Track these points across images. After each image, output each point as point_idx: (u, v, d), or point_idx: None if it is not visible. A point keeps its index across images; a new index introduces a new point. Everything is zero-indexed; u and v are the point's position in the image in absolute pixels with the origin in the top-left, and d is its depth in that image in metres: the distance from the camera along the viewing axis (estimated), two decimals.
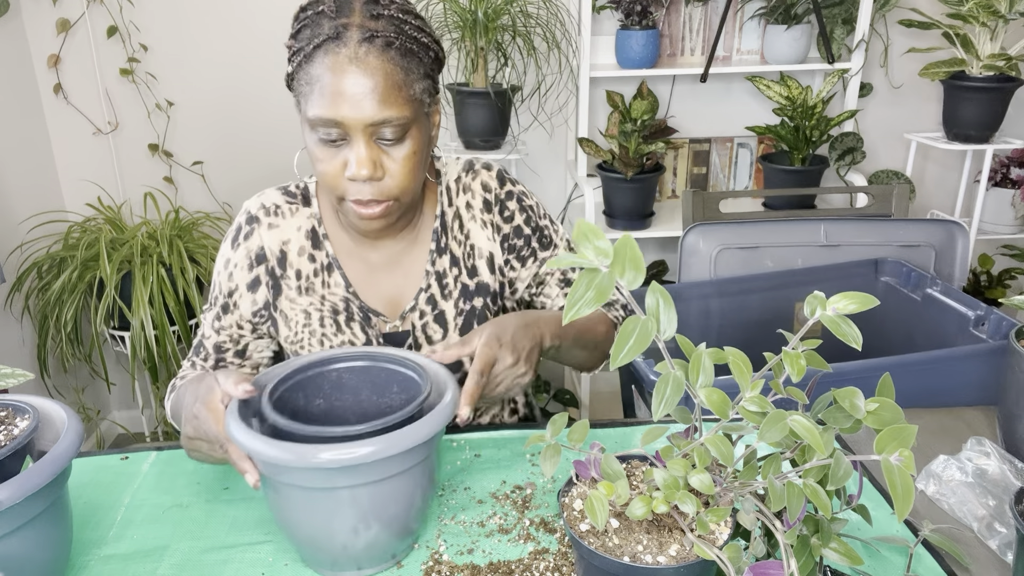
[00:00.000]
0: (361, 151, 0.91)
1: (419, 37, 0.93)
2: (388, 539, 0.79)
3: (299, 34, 0.93)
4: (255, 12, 2.30)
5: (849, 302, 0.62)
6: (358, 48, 0.88)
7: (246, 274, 1.08)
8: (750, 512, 0.65)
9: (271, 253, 1.07)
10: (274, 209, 1.08)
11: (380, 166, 0.93)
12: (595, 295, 0.57)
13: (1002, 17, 2.03)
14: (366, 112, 0.89)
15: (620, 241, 0.58)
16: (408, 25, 0.92)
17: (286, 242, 1.08)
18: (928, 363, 1.18)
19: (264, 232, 1.07)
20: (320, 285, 1.08)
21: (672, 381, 0.62)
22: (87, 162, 2.40)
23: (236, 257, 1.08)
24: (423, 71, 0.94)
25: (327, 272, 1.08)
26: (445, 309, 1.09)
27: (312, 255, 1.08)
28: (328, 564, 0.80)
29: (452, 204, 1.11)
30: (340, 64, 0.88)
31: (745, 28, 2.41)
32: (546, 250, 1.13)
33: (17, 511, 0.69)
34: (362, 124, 0.90)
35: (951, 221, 1.64)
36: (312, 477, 0.73)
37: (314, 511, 0.76)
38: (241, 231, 1.08)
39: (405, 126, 0.93)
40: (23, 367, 0.87)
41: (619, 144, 2.15)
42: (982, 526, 0.86)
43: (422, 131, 0.96)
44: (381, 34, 0.89)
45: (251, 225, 1.08)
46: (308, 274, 1.08)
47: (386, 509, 0.77)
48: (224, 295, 1.09)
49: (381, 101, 0.90)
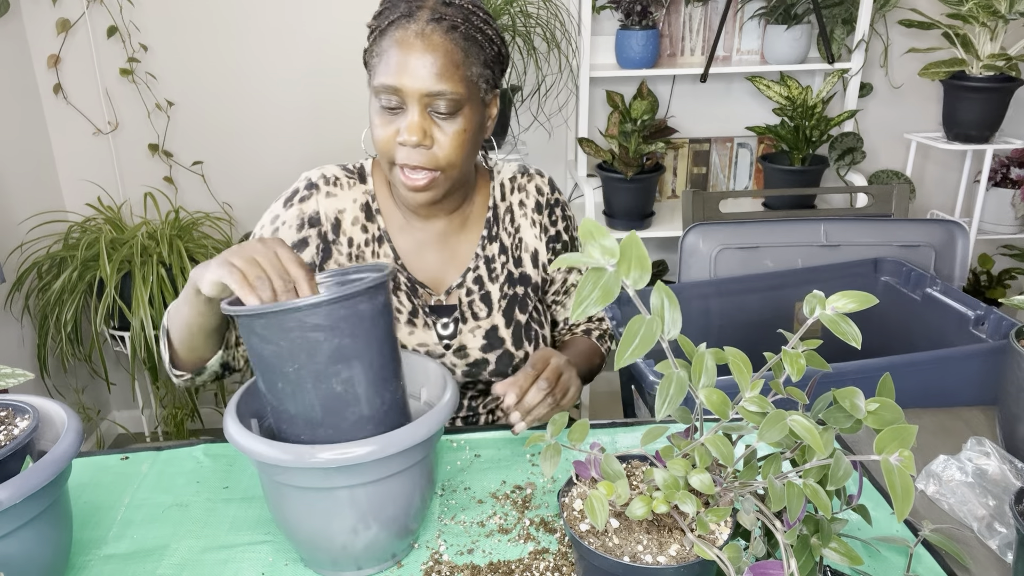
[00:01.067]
0: (414, 118, 0.98)
1: (484, 28, 1.01)
2: (388, 539, 0.79)
3: (380, 15, 1.01)
4: (255, 12, 2.30)
5: (848, 301, 0.62)
6: (425, 26, 0.97)
7: (293, 233, 1.12)
8: (750, 512, 0.65)
9: (326, 219, 1.12)
10: (334, 180, 1.14)
11: (429, 135, 1.00)
12: (601, 295, 0.57)
13: (1002, 17, 2.03)
14: (423, 83, 0.96)
15: (626, 240, 0.58)
16: (476, 17, 1.01)
17: (342, 211, 1.13)
18: (928, 363, 1.18)
19: (322, 199, 1.12)
20: (370, 255, 1.13)
21: (676, 381, 0.62)
22: (87, 162, 2.40)
23: (287, 216, 1.12)
24: (483, 59, 1.01)
25: (377, 243, 1.13)
26: (491, 291, 1.16)
27: (365, 226, 1.13)
28: (328, 564, 0.80)
29: (505, 199, 1.18)
30: (407, 38, 0.97)
31: (745, 28, 2.41)
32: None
33: (17, 511, 0.69)
34: (418, 94, 0.97)
35: (951, 221, 1.64)
36: (311, 477, 0.74)
37: (313, 511, 0.76)
38: (298, 194, 1.13)
39: (458, 102, 0.99)
40: (23, 367, 0.87)
41: (619, 144, 2.15)
42: (982, 526, 0.86)
43: (475, 113, 1.02)
44: (449, 17, 0.98)
45: (310, 191, 1.13)
46: (360, 243, 1.13)
47: (385, 509, 0.77)
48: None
49: (438, 74, 0.97)
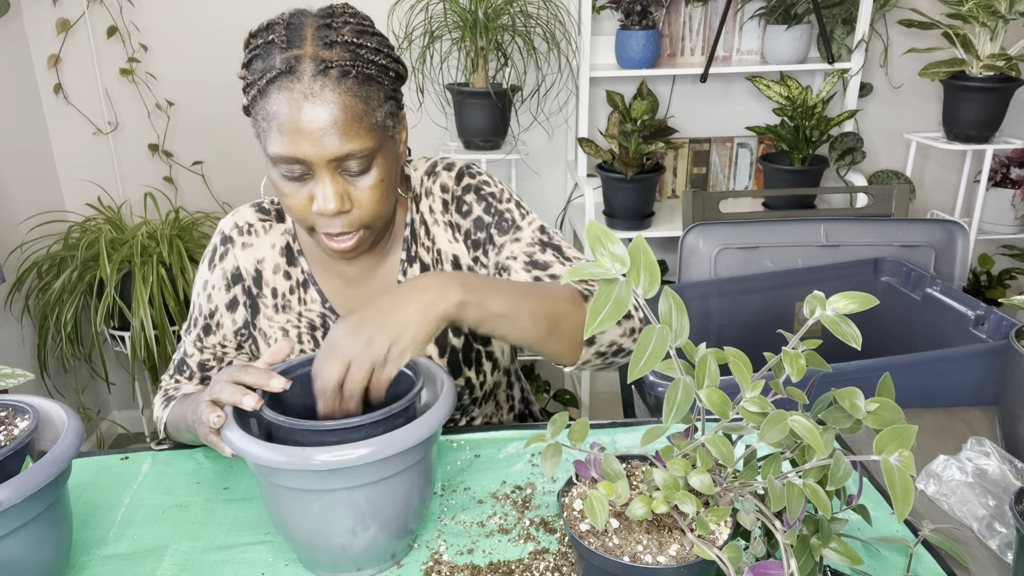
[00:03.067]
0: (327, 187, 0.88)
1: (376, 60, 0.89)
2: (387, 540, 0.79)
3: (251, 64, 0.89)
4: (255, 12, 2.30)
5: (849, 302, 0.62)
6: (312, 83, 0.84)
7: (224, 295, 1.08)
8: (750, 512, 0.65)
9: (246, 273, 1.07)
10: (247, 228, 1.07)
11: (348, 199, 0.90)
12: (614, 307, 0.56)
13: (1002, 17, 2.03)
14: (328, 148, 0.86)
15: (633, 245, 0.57)
16: (364, 49, 0.88)
17: (260, 261, 1.07)
18: (928, 363, 1.18)
19: (238, 252, 1.07)
20: (296, 302, 1.07)
21: (683, 387, 0.61)
22: (87, 162, 2.40)
23: (213, 278, 1.08)
24: (384, 95, 0.90)
25: (303, 289, 1.07)
26: None
27: (287, 272, 1.07)
28: (327, 566, 0.80)
29: (419, 211, 1.07)
30: (295, 100, 0.84)
31: (745, 28, 2.41)
32: (505, 234, 1.03)
33: (17, 511, 0.69)
34: (324, 160, 0.87)
35: (951, 221, 1.64)
36: (308, 480, 0.73)
37: (311, 513, 0.75)
38: (216, 251, 1.08)
39: (370, 156, 0.89)
40: (23, 367, 0.87)
41: (619, 144, 2.15)
42: (982, 526, 0.86)
43: (389, 156, 0.93)
44: (336, 64, 0.85)
45: (225, 246, 1.08)
46: (284, 292, 1.07)
47: (384, 510, 0.77)
48: (205, 316, 1.09)
49: (342, 135, 0.86)
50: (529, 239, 1.02)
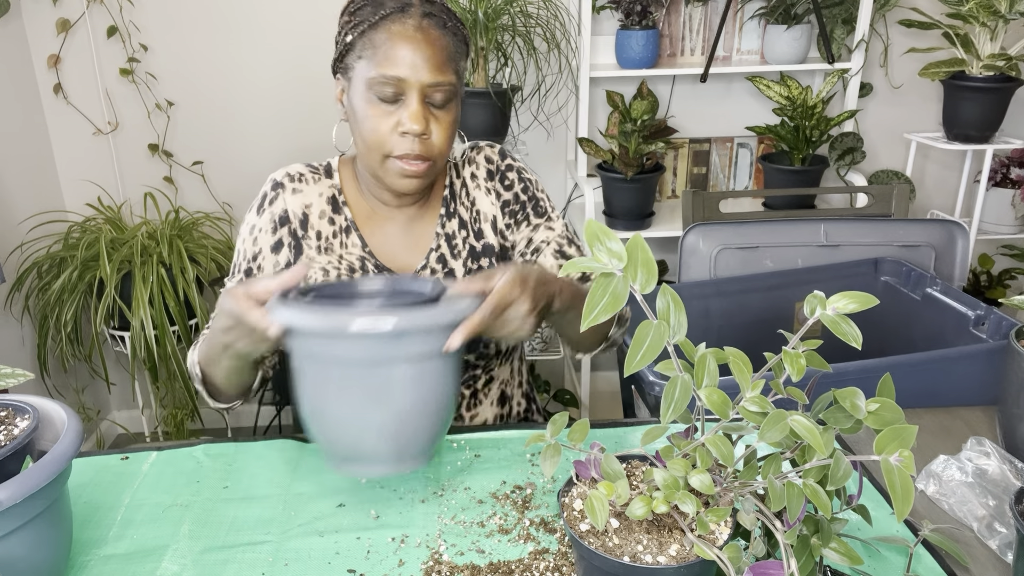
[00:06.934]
0: (415, 107, 1.02)
1: (462, 29, 1.08)
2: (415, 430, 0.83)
3: (360, 11, 1.04)
4: (255, 12, 2.30)
5: (849, 302, 0.62)
6: (421, 20, 1.02)
7: (270, 237, 1.14)
8: (750, 512, 0.65)
9: (294, 215, 1.14)
10: (299, 176, 1.16)
11: (429, 124, 1.04)
12: (611, 301, 0.57)
13: (1002, 17, 2.03)
14: (424, 75, 1.01)
15: (631, 242, 0.57)
16: (454, 16, 1.08)
17: (308, 206, 1.15)
18: (928, 363, 1.18)
19: (288, 196, 1.14)
20: (338, 245, 1.15)
21: (680, 385, 0.61)
22: (87, 162, 2.40)
23: (261, 222, 1.14)
24: (464, 54, 1.09)
25: (345, 234, 1.15)
26: (455, 268, 1.17)
27: (332, 218, 1.15)
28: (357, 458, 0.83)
29: (460, 176, 1.21)
30: (407, 31, 1.01)
31: (745, 28, 2.41)
32: (540, 217, 1.20)
33: (17, 511, 0.69)
34: (420, 84, 1.01)
35: (951, 221, 1.64)
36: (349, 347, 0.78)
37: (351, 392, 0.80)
38: (266, 197, 1.15)
39: (451, 94, 1.05)
40: (23, 367, 0.87)
41: (619, 144, 2.15)
42: (982, 526, 0.86)
43: (457, 105, 1.08)
44: (437, 15, 1.04)
45: (276, 191, 1.15)
46: (328, 235, 1.15)
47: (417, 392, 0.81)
48: (248, 260, 1.14)
49: (438, 67, 1.02)
50: (560, 232, 1.20)
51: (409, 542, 0.86)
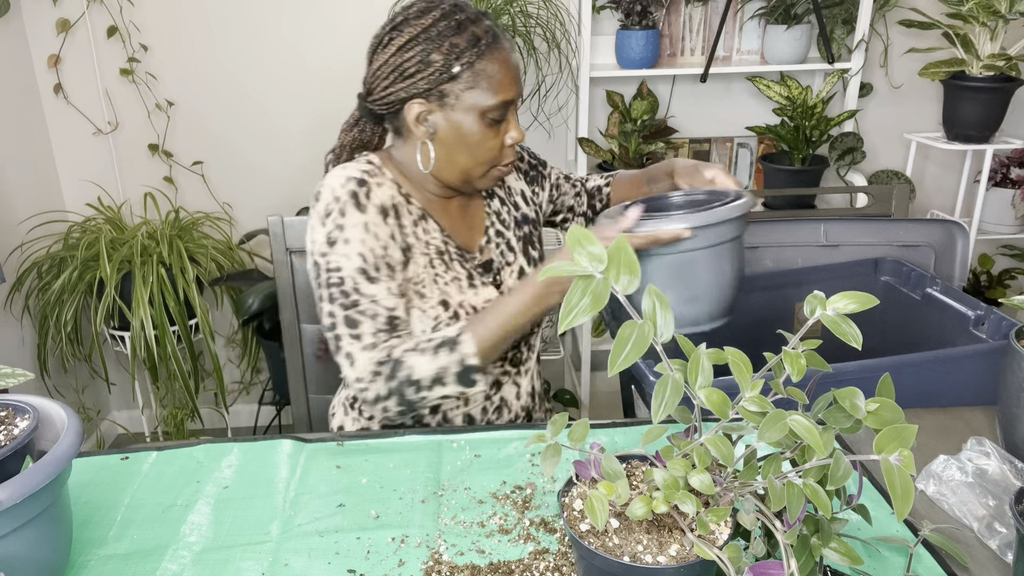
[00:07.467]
0: (516, 121, 1.14)
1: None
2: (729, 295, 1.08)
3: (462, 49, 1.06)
4: (255, 12, 2.30)
5: (849, 302, 0.62)
6: (507, 43, 1.11)
7: (384, 228, 1.12)
8: (750, 512, 0.65)
9: (389, 206, 1.15)
10: (369, 172, 1.15)
11: None
12: (591, 301, 0.57)
13: (1002, 17, 2.03)
14: (520, 90, 1.13)
15: (615, 244, 0.58)
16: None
17: (392, 196, 1.16)
18: (928, 363, 1.18)
19: (376, 189, 1.14)
20: (421, 232, 1.17)
21: (671, 384, 0.62)
22: (87, 162, 2.40)
23: (369, 216, 1.11)
24: None
25: (424, 221, 1.18)
26: (509, 236, 1.27)
27: (409, 209, 1.18)
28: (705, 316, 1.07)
29: None
30: (506, 57, 1.09)
31: (745, 28, 2.41)
32: (545, 167, 1.39)
33: (17, 511, 0.69)
34: (518, 99, 1.13)
35: (951, 221, 1.63)
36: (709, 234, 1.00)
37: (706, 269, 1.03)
38: (358, 195, 1.11)
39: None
40: (23, 367, 0.87)
41: (619, 144, 2.15)
42: (982, 526, 0.86)
43: None
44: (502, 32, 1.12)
45: (364, 187, 1.12)
46: (408, 224, 1.17)
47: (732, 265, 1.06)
48: (378, 257, 1.10)
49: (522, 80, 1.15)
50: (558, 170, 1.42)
51: (409, 542, 0.86)
